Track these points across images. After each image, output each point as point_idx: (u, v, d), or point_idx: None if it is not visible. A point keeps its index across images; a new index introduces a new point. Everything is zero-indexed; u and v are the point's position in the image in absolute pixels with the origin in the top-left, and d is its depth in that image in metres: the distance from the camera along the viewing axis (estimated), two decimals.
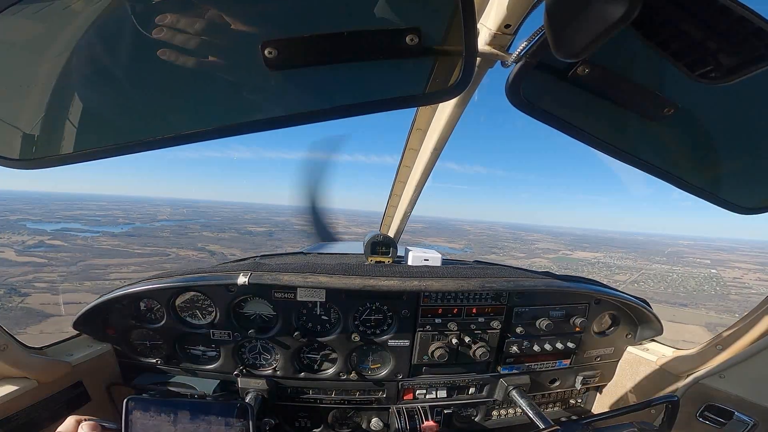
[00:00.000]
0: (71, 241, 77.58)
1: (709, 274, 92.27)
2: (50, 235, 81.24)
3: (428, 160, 1.72)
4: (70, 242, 76.15)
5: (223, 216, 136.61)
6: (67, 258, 63.11)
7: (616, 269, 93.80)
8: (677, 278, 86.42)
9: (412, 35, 0.68)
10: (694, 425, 1.77)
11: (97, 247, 74.07)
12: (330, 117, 0.76)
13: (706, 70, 0.65)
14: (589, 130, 0.94)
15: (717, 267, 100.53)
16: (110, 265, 60.00)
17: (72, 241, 77.70)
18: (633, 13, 0.50)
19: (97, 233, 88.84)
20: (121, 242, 79.39)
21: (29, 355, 1.46)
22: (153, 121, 0.76)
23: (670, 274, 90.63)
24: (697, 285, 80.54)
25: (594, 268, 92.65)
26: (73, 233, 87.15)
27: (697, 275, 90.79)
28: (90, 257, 65.09)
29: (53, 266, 57.96)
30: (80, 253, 67.27)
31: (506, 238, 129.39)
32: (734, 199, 1.02)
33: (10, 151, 0.75)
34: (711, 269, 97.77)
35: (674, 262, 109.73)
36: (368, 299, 1.81)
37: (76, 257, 63.77)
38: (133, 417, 1.14)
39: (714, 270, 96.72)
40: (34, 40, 0.70)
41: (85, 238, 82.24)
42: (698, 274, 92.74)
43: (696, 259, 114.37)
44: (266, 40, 0.66)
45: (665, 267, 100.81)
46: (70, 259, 62.34)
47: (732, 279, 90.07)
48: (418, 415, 1.90)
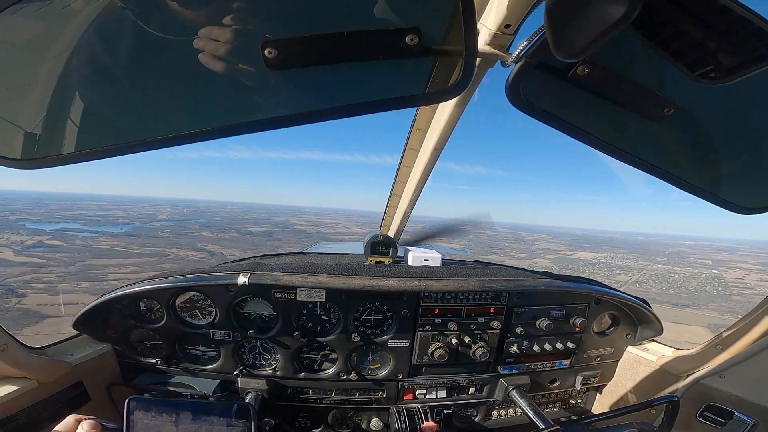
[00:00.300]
0: (70, 241, 77.27)
1: (711, 274, 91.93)
2: (49, 235, 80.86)
3: (428, 160, 1.72)
4: (69, 242, 75.79)
5: (222, 216, 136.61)
6: (66, 258, 62.77)
7: (618, 269, 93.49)
8: (679, 279, 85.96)
9: (412, 35, 0.68)
10: (694, 425, 1.77)
11: (96, 248, 73.64)
12: (330, 117, 0.76)
13: (706, 70, 0.65)
14: (589, 130, 0.94)
15: (718, 267, 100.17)
16: (109, 266, 59.67)
17: (71, 241, 77.40)
18: (633, 13, 0.50)
19: (97, 233, 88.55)
20: (120, 242, 79.10)
21: (29, 355, 1.46)
22: (153, 121, 0.76)
23: (671, 275, 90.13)
24: (699, 286, 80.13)
25: (595, 268, 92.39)
26: (73, 233, 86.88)
27: (698, 276, 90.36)
28: (89, 257, 64.70)
29: (51, 266, 57.60)
30: (79, 254, 66.88)
31: (507, 238, 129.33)
32: (734, 199, 1.02)
33: (10, 151, 0.75)
34: (712, 270, 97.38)
35: (675, 262, 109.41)
36: (368, 299, 1.81)
37: (74, 257, 63.39)
38: (134, 417, 1.14)
39: (715, 270, 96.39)
40: (34, 40, 0.70)
41: (84, 238, 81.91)
42: (700, 274, 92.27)
43: (697, 259, 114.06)
44: (266, 40, 0.66)
45: (666, 267, 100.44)
46: (68, 260, 62.02)
47: (734, 279, 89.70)
48: (418, 415, 1.90)
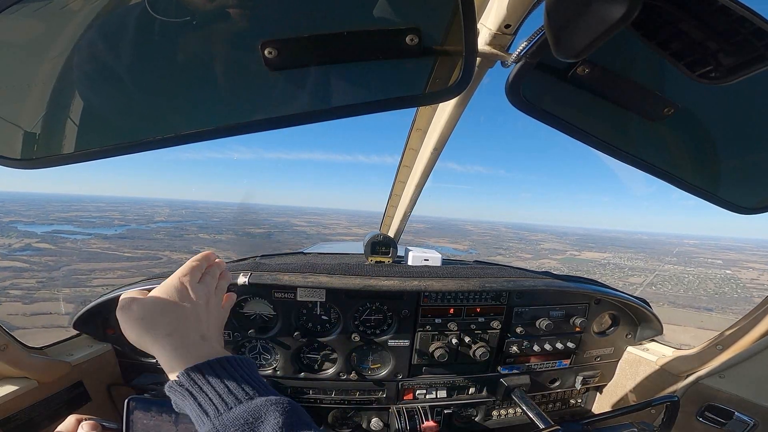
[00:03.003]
0: (60, 243, 75.22)
1: (725, 275, 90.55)
2: (39, 237, 78.63)
3: (428, 160, 1.72)
4: (59, 245, 73.54)
5: (222, 217, 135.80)
6: (51, 262, 60.54)
7: (629, 271, 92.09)
8: (694, 280, 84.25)
9: (412, 35, 0.69)
10: (694, 425, 1.77)
11: (86, 251, 71.30)
12: (330, 117, 0.76)
13: (706, 70, 0.65)
14: (589, 130, 0.94)
15: (731, 267, 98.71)
16: (95, 270, 57.36)
17: (61, 244, 75.31)
18: (633, 14, 0.50)
19: (89, 235, 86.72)
20: (112, 245, 77.00)
21: (29, 355, 1.46)
22: (153, 121, 0.76)
23: (685, 276, 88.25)
24: (717, 287, 78.54)
25: (606, 269, 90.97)
26: (64, 235, 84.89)
27: (713, 276, 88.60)
28: (76, 261, 62.37)
29: (34, 271, 55.44)
30: (66, 257, 64.69)
31: (510, 239, 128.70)
32: (734, 199, 1.02)
33: (10, 151, 0.74)
34: (725, 270, 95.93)
35: (686, 262, 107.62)
36: (368, 299, 1.81)
37: (60, 261, 61.15)
38: (134, 417, 1.14)
39: (728, 271, 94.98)
40: (34, 40, 0.70)
41: (74, 241, 79.84)
42: (714, 275, 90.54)
43: (707, 259, 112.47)
44: (266, 40, 0.66)
45: (678, 268, 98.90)
46: (53, 264, 59.69)
47: (750, 280, 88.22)
48: (418, 415, 1.90)
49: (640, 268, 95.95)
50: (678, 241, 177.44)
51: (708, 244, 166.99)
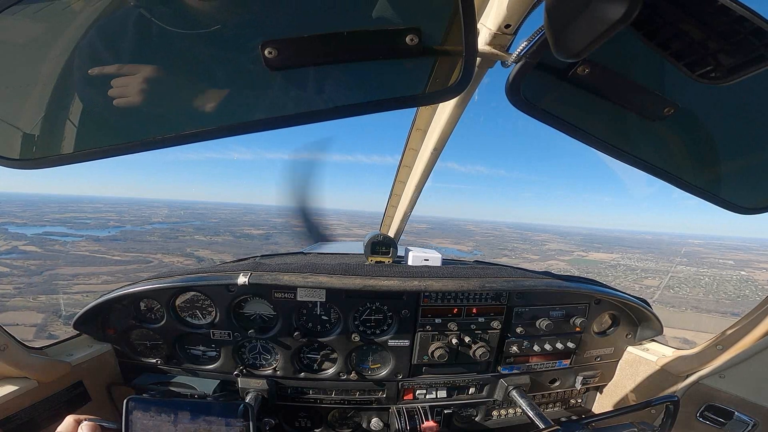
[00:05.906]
0: (48, 246, 71.94)
1: (741, 276, 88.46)
2: (28, 240, 76.02)
3: (428, 160, 1.72)
4: (46, 248, 70.75)
5: (220, 218, 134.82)
6: (34, 266, 57.90)
7: (642, 272, 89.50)
8: (711, 282, 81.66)
9: (412, 35, 0.69)
10: (694, 425, 1.77)
11: (73, 254, 68.73)
12: (330, 117, 0.76)
13: (706, 70, 0.65)
14: (589, 130, 0.94)
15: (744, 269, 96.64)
16: (79, 275, 54.90)
17: (49, 246, 71.97)
18: (633, 14, 0.50)
19: (80, 237, 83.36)
20: (102, 247, 74.28)
21: (29, 355, 1.46)
22: (153, 121, 0.76)
23: (701, 278, 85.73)
24: (736, 290, 76.14)
25: (617, 271, 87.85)
26: (54, 237, 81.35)
27: (729, 278, 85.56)
28: (61, 265, 59.90)
29: (14, 276, 52.78)
30: (51, 261, 62.05)
31: (514, 239, 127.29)
32: (734, 199, 1.02)
33: (10, 151, 0.74)
34: (740, 271, 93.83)
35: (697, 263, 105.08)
36: (368, 299, 1.81)
37: (44, 265, 58.56)
38: (133, 417, 1.14)
39: (743, 272, 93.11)
40: (34, 40, 0.70)
41: (63, 243, 76.42)
42: (730, 277, 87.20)
43: (718, 260, 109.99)
44: (266, 40, 0.66)
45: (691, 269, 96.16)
46: (36, 268, 57.08)
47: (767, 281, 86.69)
48: (418, 415, 1.90)
49: (652, 270, 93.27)
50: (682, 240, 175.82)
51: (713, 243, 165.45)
